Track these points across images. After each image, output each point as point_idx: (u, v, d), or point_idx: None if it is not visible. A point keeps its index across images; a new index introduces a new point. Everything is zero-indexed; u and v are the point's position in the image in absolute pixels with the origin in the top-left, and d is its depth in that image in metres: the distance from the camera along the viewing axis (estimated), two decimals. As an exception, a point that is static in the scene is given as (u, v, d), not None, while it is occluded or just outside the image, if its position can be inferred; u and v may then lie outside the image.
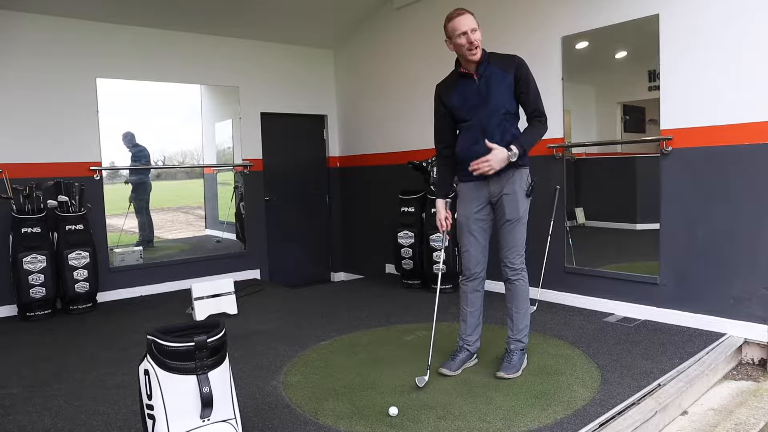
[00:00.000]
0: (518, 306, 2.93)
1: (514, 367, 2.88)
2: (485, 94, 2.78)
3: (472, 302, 3.00)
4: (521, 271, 2.89)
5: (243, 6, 5.29)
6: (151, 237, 5.63)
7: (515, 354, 2.93)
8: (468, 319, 3.02)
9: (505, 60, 2.80)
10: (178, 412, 1.80)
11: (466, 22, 2.70)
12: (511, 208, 2.81)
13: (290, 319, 4.24)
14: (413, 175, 5.21)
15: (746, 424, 2.60)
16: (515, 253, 2.86)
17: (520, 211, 2.82)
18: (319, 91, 6.59)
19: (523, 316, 2.95)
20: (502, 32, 4.63)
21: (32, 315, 4.46)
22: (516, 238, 2.85)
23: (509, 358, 2.91)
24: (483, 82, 2.79)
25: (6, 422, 2.56)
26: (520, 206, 2.82)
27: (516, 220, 2.82)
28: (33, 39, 4.77)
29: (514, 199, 2.81)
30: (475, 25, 2.72)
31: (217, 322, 1.96)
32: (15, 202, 4.56)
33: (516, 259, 2.87)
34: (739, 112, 3.33)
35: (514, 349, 2.93)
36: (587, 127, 4.38)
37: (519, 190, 2.81)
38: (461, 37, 2.70)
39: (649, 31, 3.69)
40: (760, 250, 3.29)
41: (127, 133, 5.37)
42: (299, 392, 2.79)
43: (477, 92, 2.80)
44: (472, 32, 2.70)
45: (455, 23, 2.72)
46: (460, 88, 2.85)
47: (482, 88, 2.79)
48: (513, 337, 2.95)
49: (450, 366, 2.94)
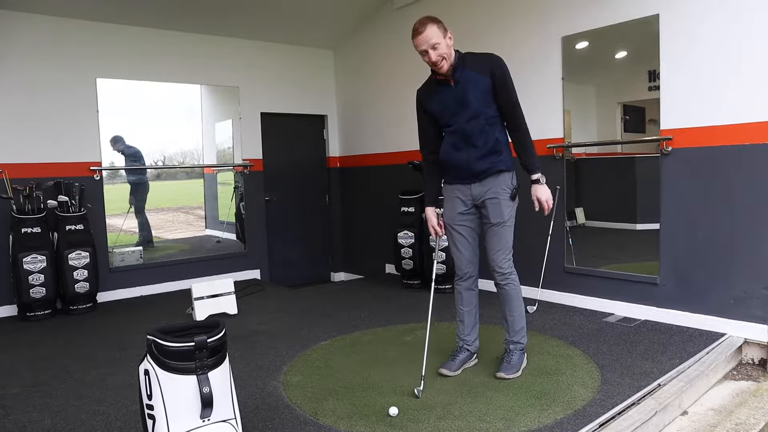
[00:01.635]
0: (512, 309, 2.92)
1: (514, 367, 2.87)
2: (463, 100, 2.73)
3: (467, 301, 3.00)
4: (509, 274, 2.87)
5: (243, 6, 5.29)
6: (150, 237, 5.63)
7: (514, 354, 2.93)
8: (465, 318, 3.01)
9: (481, 61, 2.73)
10: (178, 412, 1.80)
11: (424, 40, 2.64)
12: (495, 212, 2.80)
13: (290, 319, 4.24)
14: (413, 175, 5.20)
15: (746, 424, 2.59)
16: (502, 256, 2.83)
17: (504, 215, 2.80)
18: (319, 91, 6.59)
19: (518, 318, 2.93)
20: (502, 32, 4.64)
21: (32, 315, 4.46)
22: (502, 241, 2.83)
23: (508, 358, 2.92)
24: (459, 87, 2.73)
25: (6, 422, 2.56)
26: (504, 210, 2.80)
27: (500, 224, 2.81)
28: (33, 39, 4.77)
29: (497, 203, 2.80)
30: (437, 39, 2.63)
31: (217, 322, 1.96)
32: (15, 202, 4.56)
33: (503, 263, 2.84)
34: (740, 112, 3.33)
35: (513, 349, 2.94)
36: (587, 127, 4.38)
37: (502, 193, 2.80)
38: (422, 54, 2.69)
39: (649, 31, 3.69)
40: (760, 250, 3.29)
41: (115, 137, 5.25)
42: (299, 392, 2.79)
43: (454, 98, 2.75)
44: (434, 48, 2.64)
45: (415, 41, 2.67)
46: (439, 95, 2.80)
47: (459, 93, 2.73)
48: (510, 339, 2.95)
49: (450, 366, 2.94)
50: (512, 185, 2.83)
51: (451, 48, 2.71)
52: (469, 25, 4.90)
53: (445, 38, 2.66)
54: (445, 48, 2.66)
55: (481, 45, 4.70)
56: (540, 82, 4.30)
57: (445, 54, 2.67)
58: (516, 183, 2.85)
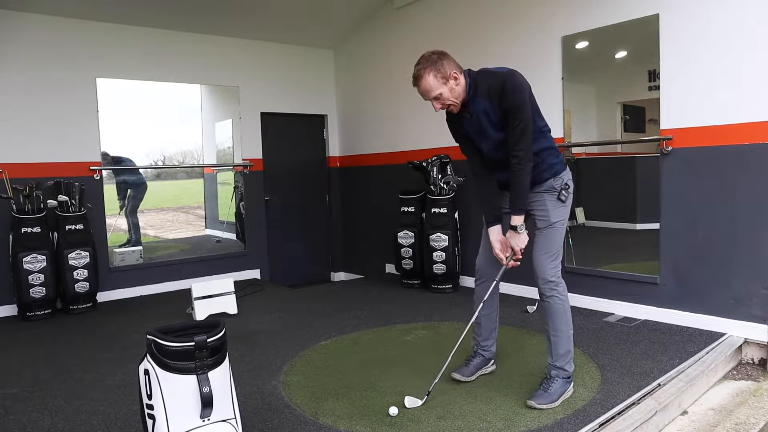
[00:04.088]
0: (555, 327, 2.58)
1: (551, 397, 2.51)
2: (483, 131, 2.55)
3: (487, 306, 2.79)
4: (555, 285, 2.55)
5: (243, 6, 5.29)
6: (138, 239, 5.58)
7: (555, 382, 2.56)
8: (483, 322, 2.84)
9: (491, 86, 2.46)
10: (178, 412, 1.80)
11: (423, 92, 2.49)
12: (541, 215, 2.59)
13: (290, 319, 4.24)
14: (413, 175, 5.21)
15: (746, 424, 2.59)
16: (546, 260, 2.55)
17: (550, 217, 2.57)
18: (319, 91, 6.59)
19: (563, 339, 2.58)
20: (502, 32, 4.64)
21: (32, 315, 4.46)
22: (546, 244, 2.57)
23: (546, 386, 2.56)
24: (475, 118, 2.54)
25: (6, 422, 2.56)
26: (551, 211, 2.57)
27: (547, 226, 2.58)
28: (33, 39, 4.77)
29: (543, 205, 2.59)
30: (437, 89, 2.44)
31: (217, 321, 1.96)
32: (15, 202, 4.56)
33: (548, 269, 2.55)
34: (740, 112, 3.33)
35: (555, 376, 2.57)
36: (587, 127, 4.38)
37: (547, 195, 2.58)
38: (428, 101, 2.53)
39: (649, 31, 3.69)
40: (760, 250, 3.29)
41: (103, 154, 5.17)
42: (299, 392, 2.79)
43: (474, 128, 2.58)
44: (436, 99, 2.47)
45: (418, 90, 2.52)
46: (463, 123, 2.61)
47: (476, 124, 2.55)
48: (553, 364, 2.59)
49: (464, 372, 2.82)
50: (558, 186, 2.58)
51: (459, 87, 2.48)
52: (470, 25, 4.90)
53: (447, 84, 2.45)
54: (449, 93, 2.47)
55: (481, 45, 4.74)
56: (540, 82, 4.28)
57: (451, 101, 2.49)
58: (565, 183, 2.59)
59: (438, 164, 4.98)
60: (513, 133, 2.44)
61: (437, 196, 4.92)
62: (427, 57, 2.47)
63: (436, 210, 4.90)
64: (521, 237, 2.55)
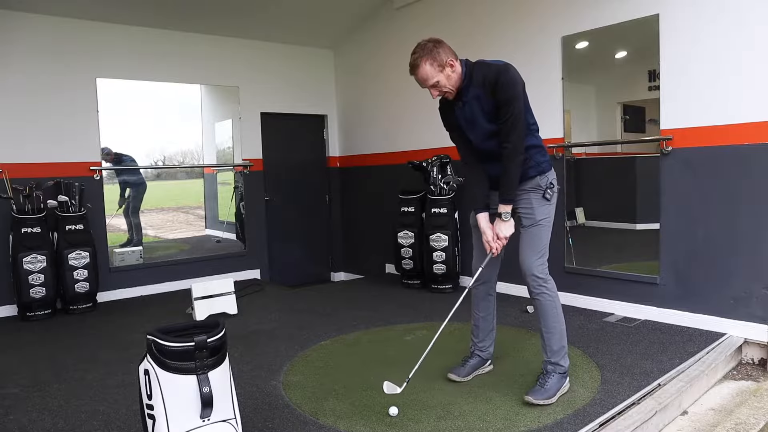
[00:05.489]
0: (547, 324, 2.61)
1: (547, 392, 2.54)
2: (473, 121, 2.58)
3: (484, 307, 2.84)
4: (544, 282, 2.58)
5: (243, 6, 5.29)
6: (140, 240, 5.58)
7: (551, 377, 2.59)
8: (480, 323, 2.86)
9: (485, 76, 2.48)
10: (178, 412, 1.80)
11: (420, 80, 2.51)
12: (526, 213, 2.62)
13: (290, 319, 4.24)
14: (413, 175, 5.21)
15: (746, 424, 2.59)
16: (533, 257, 2.57)
17: (536, 215, 2.59)
18: (319, 91, 6.59)
19: (556, 336, 2.61)
20: (502, 32, 4.64)
21: (32, 315, 4.46)
22: (533, 242, 2.59)
23: (543, 381, 2.59)
24: (467, 107, 2.56)
25: (6, 422, 2.56)
26: (536, 209, 2.59)
27: (532, 224, 2.60)
28: (33, 39, 4.77)
29: (528, 204, 2.61)
30: (433, 77, 2.47)
31: (217, 322, 1.96)
32: (15, 202, 4.56)
33: (535, 266, 2.57)
34: (740, 112, 3.33)
35: (551, 371, 2.61)
36: (587, 127, 4.38)
37: (533, 193, 2.60)
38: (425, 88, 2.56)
39: (649, 31, 3.69)
40: (760, 250, 3.30)
41: (104, 149, 5.16)
42: (299, 392, 2.79)
43: (464, 118, 2.60)
44: (433, 86, 2.49)
45: (415, 78, 2.54)
46: (454, 112, 2.64)
47: (467, 114, 2.57)
48: (548, 360, 2.63)
49: (459, 372, 2.83)
50: (544, 185, 2.61)
51: (455, 74, 2.50)
52: (470, 25, 4.90)
53: (443, 72, 2.47)
54: (446, 81, 2.49)
55: (481, 45, 4.74)
56: (540, 82, 4.29)
57: (447, 88, 2.51)
58: (550, 182, 2.62)
59: (438, 164, 4.98)
60: (505, 125, 2.47)
61: (437, 196, 4.92)
62: (423, 45, 2.49)
63: (436, 210, 4.90)
64: (507, 225, 2.60)
